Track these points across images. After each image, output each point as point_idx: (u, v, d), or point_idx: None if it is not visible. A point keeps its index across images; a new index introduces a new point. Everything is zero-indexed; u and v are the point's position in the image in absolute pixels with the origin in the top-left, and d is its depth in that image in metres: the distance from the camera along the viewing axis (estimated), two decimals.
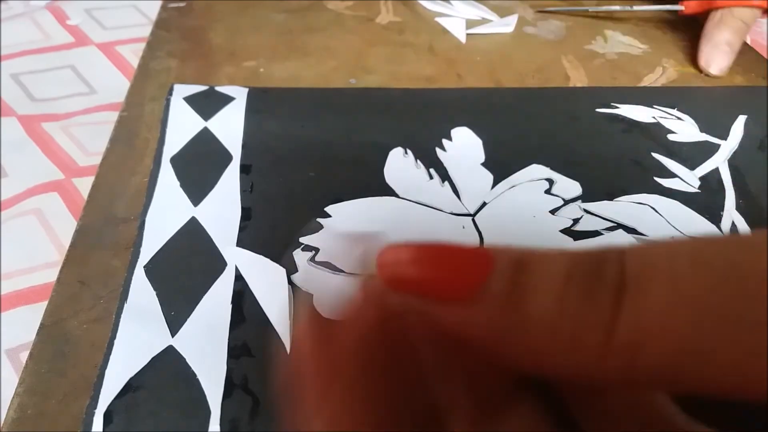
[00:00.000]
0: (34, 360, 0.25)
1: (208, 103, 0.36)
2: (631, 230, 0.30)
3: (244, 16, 0.46)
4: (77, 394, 0.23)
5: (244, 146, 0.34)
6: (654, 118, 0.37)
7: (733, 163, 0.35)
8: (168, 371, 0.24)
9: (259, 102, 0.37)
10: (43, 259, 0.31)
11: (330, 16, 0.47)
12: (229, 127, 0.35)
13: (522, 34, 0.47)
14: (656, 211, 0.31)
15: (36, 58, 0.44)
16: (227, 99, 0.37)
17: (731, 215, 0.31)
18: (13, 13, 0.47)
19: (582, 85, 0.41)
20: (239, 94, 0.37)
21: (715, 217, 0.31)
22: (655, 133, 0.36)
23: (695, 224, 0.31)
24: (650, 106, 0.38)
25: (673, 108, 0.38)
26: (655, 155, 0.34)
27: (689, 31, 0.48)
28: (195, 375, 0.24)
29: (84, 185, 0.34)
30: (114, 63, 0.44)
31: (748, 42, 0.46)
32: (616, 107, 0.37)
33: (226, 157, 0.33)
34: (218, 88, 0.37)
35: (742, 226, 0.31)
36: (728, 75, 0.43)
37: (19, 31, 0.46)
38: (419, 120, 0.36)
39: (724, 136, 0.36)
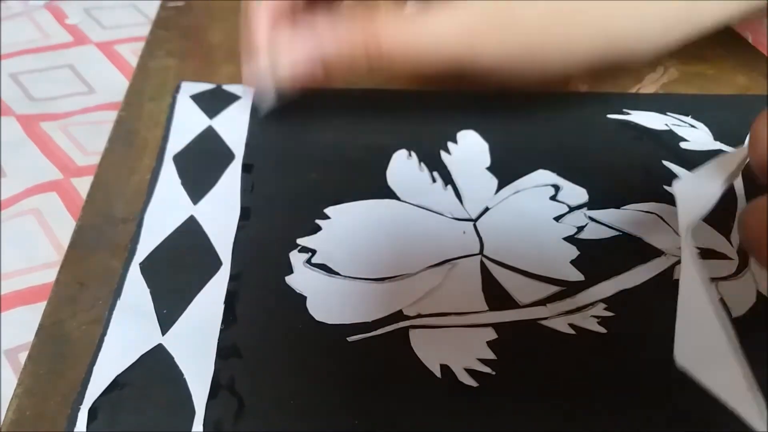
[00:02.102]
0: (32, 361, 0.25)
1: (213, 102, 0.36)
2: (636, 239, 0.29)
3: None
4: (76, 396, 0.23)
5: (247, 146, 0.33)
6: (666, 125, 0.36)
7: (747, 171, 0.34)
8: (155, 370, 0.24)
9: None
10: (41, 259, 0.31)
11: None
12: (233, 126, 0.34)
13: None
14: (663, 220, 0.30)
15: (34, 58, 0.43)
16: (233, 98, 0.36)
17: None
18: (11, 12, 0.47)
19: (584, 85, 0.41)
20: (245, 93, 0.37)
21: (724, 226, 0.30)
22: (667, 141, 0.35)
23: (703, 233, 0.30)
24: (663, 113, 0.37)
25: (687, 116, 0.37)
26: (666, 163, 0.33)
27: None
28: (182, 374, 0.24)
29: (83, 185, 0.34)
30: (113, 62, 0.43)
31: (749, 41, 0.46)
32: (628, 113, 0.36)
33: (228, 156, 0.33)
34: (225, 87, 0.37)
35: None
36: (730, 74, 0.43)
37: (18, 30, 0.46)
38: (424, 122, 0.35)
39: (739, 144, 0.36)
